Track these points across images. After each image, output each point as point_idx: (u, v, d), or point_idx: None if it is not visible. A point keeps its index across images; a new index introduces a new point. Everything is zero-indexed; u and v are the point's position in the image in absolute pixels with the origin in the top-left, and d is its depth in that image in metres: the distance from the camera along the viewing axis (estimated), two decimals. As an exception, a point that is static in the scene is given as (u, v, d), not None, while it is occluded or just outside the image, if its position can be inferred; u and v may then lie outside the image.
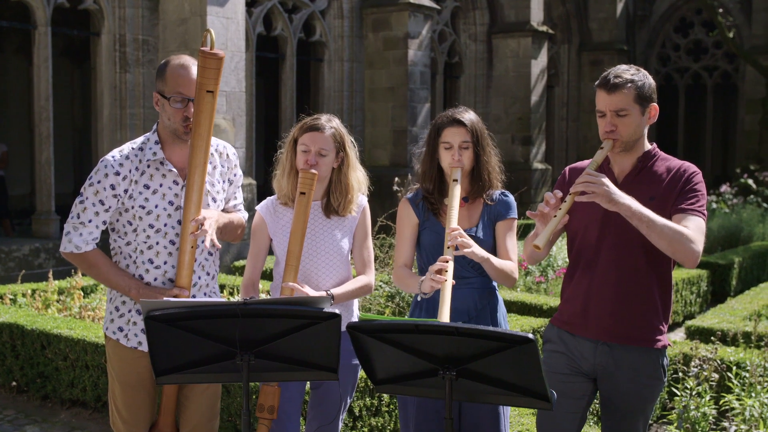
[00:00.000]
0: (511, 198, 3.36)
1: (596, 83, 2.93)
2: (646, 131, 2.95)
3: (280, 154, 3.42)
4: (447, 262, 2.98)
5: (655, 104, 2.91)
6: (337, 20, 13.35)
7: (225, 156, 3.25)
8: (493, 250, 3.26)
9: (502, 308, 3.35)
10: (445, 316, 2.83)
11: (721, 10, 17.37)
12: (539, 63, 16.16)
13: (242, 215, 3.39)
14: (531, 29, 15.87)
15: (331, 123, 3.32)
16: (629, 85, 2.84)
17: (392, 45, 13.26)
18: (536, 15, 16.10)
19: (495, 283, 3.32)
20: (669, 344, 3.01)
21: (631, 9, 20.90)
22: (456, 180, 3.17)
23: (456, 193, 3.14)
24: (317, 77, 13.51)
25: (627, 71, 2.88)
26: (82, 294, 6.67)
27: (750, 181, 14.72)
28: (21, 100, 14.50)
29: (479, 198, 3.30)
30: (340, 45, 13.37)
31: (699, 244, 2.77)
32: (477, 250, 3.06)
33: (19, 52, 14.50)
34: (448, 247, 3.02)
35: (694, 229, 2.78)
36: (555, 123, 19.13)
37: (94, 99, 10.69)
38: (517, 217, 3.34)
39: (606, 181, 2.73)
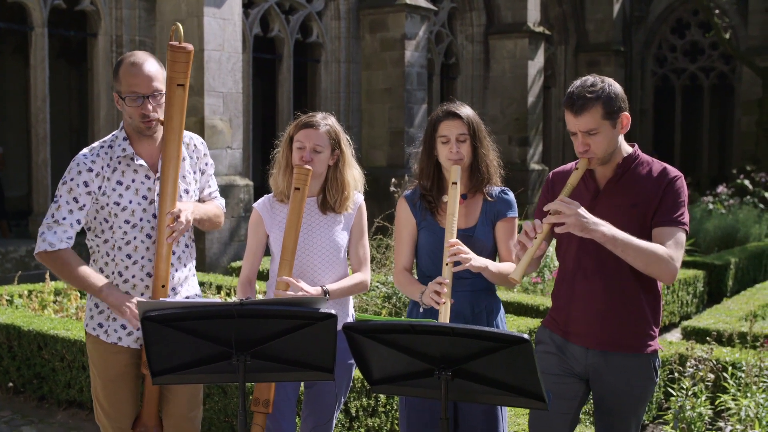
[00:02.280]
0: (512, 196, 3.32)
1: (563, 102, 2.87)
2: (621, 139, 2.90)
3: (276, 152, 3.44)
4: (444, 283, 2.97)
5: (626, 113, 2.85)
6: (334, 21, 13.35)
7: (192, 146, 3.26)
8: (493, 249, 3.25)
9: (500, 310, 3.32)
10: None
11: (717, 12, 17.41)
12: (536, 64, 16.17)
13: (219, 202, 3.42)
14: (528, 30, 15.88)
15: (326, 120, 3.33)
16: (595, 104, 2.77)
17: (389, 46, 13.26)
18: (533, 16, 16.12)
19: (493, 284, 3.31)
20: (660, 348, 3.00)
21: (628, 10, 20.93)
22: (455, 183, 3.12)
23: (455, 197, 3.09)
24: (314, 78, 13.51)
25: (591, 89, 2.79)
26: (79, 295, 6.67)
27: (746, 182, 14.72)
28: (18, 102, 14.48)
29: (478, 193, 3.26)
30: (337, 46, 13.38)
31: (677, 261, 2.75)
32: (475, 262, 3.03)
33: (15, 53, 14.48)
34: (446, 264, 3.00)
35: (672, 245, 2.75)
36: (552, 124, 19.14)
37: (91, 100, 10.70)
38: (517, 215, 3.30)
39: (578, 209, 2.67)
